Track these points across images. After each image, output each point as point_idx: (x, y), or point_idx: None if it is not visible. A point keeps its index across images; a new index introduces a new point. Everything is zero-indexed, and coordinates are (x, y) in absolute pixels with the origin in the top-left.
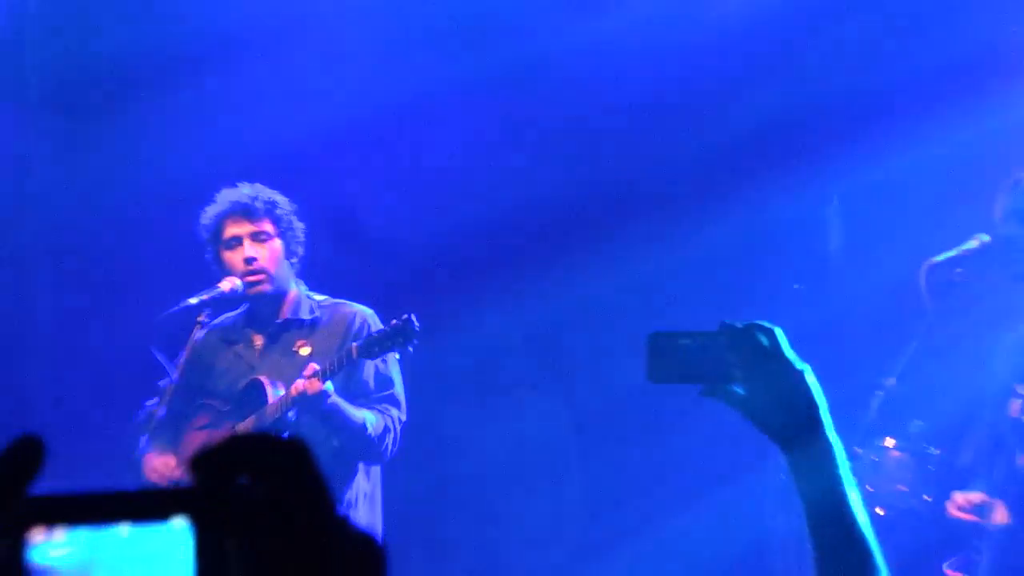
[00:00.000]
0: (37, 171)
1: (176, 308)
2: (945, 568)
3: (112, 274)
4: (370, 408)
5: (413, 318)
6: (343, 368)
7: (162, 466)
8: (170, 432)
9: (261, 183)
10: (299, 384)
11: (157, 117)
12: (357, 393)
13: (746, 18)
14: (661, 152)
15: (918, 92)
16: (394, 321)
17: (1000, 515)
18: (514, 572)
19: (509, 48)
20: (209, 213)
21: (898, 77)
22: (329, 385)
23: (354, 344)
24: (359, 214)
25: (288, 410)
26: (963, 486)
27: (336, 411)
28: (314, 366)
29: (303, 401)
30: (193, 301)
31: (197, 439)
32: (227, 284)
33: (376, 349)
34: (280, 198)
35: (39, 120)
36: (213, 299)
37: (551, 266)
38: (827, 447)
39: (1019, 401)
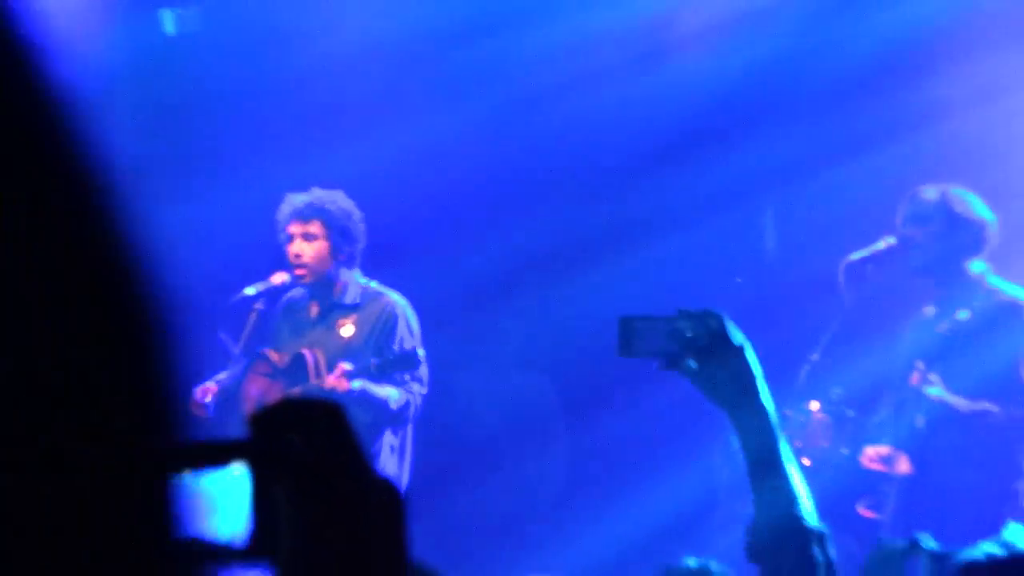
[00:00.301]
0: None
1: (237, 297)
2: (858, 507)
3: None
4: (396, 384)
5: (419, 353)
6: (369, 375)
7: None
8: (232, 390)
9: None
10: (330, 380)
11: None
12: (389, 369)
13: (697, 69)
14: (637, 178)
15: (838, 124)
16: (403, 326)
17: (903, 465)
18: (508, 517)
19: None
20: (278, 214)
21: (822, 113)
22: (356, 383)
23: (374, 361)
24: (399, 219)
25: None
26: (873, 441)
27: (363, 397)
28: (344, 366)
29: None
30: (250, 292)
31: (256, 383)
32: (278, 278)
33: (391, 368)
34: (334, 204)
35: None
36: (267, 290)
37: (545, 271)
38: (762, 410)
39: (918, 373)
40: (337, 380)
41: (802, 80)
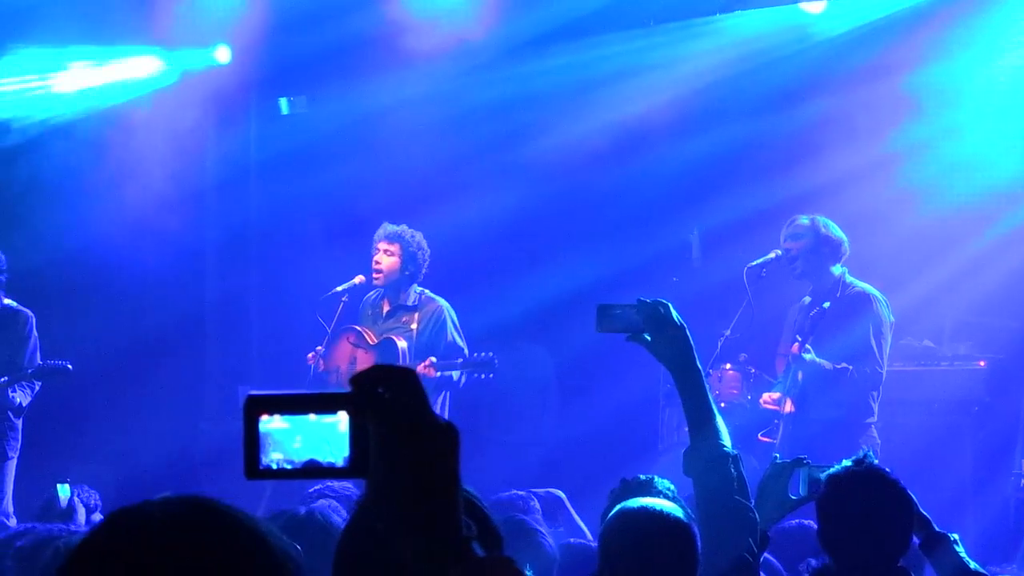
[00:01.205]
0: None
1: (329, 293)
2: (760, 436)
3: (290, 268)
4: (454, 370)
5: (495, 360)
6: (453, 369)
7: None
8: (326, 355)
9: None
10: (419, 367)
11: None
12: (446, 356)
13: (663, 155)
14: (608, 204)
15: (743, 175)
16: (443, 319)
17: (788, 406)
18: (510, 462)
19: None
20: (375, 234)
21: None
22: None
23: (459, 359)
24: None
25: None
26: (768, 389)
27: (440, 378)
28: (432, 359)
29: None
30: (339, 289)
31: (345, 348)
32: (358, 279)
33: (472, 370)
34: (412, 237)
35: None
36: (351, 287)
37: (543, 268)
38: (697, 370)
39: (797, 344)
40: (425, 370)
41: (722, 151)
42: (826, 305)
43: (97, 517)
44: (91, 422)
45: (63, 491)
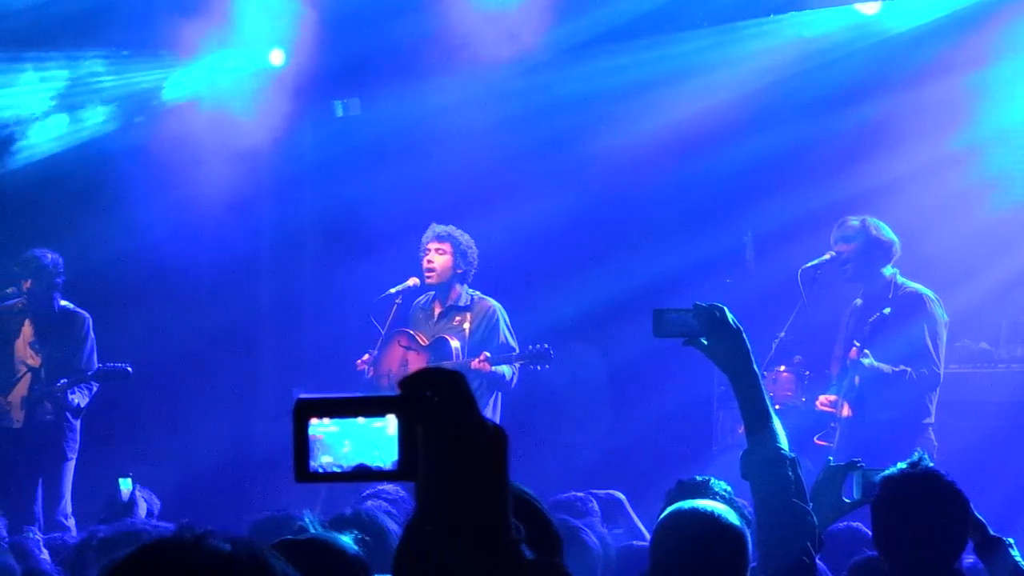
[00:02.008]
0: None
1: (383, 295)
2: (816, 439)
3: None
4: (508, 364)
5: (550, 351)
6: (508, 363)
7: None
8: (378, 358)
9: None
10: (474, 363)
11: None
12: (499, 353)
13: (699, 130)
14: (661, 207)
15: (797, 179)
16: (495, 320)
17: (846, 410)
18: (566, 464)
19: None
20: (424, 235)
21: (787, 171)
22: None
23: (514, 353)
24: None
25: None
26: (824, 391)
27: (492, 376)
28: (486, 353)
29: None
30: (392, 291)
31: (396, 351)
32: (412, 281)
33: (528, 360)
34: (462, 236)
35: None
36: (403, 290)
37: (597, 270)
38: (754, 373)
39: (855, 349)
40: (480, 364)
41: (777, 152)
42: (887, 311)
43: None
44: (147, 424)
45: (125, 485)
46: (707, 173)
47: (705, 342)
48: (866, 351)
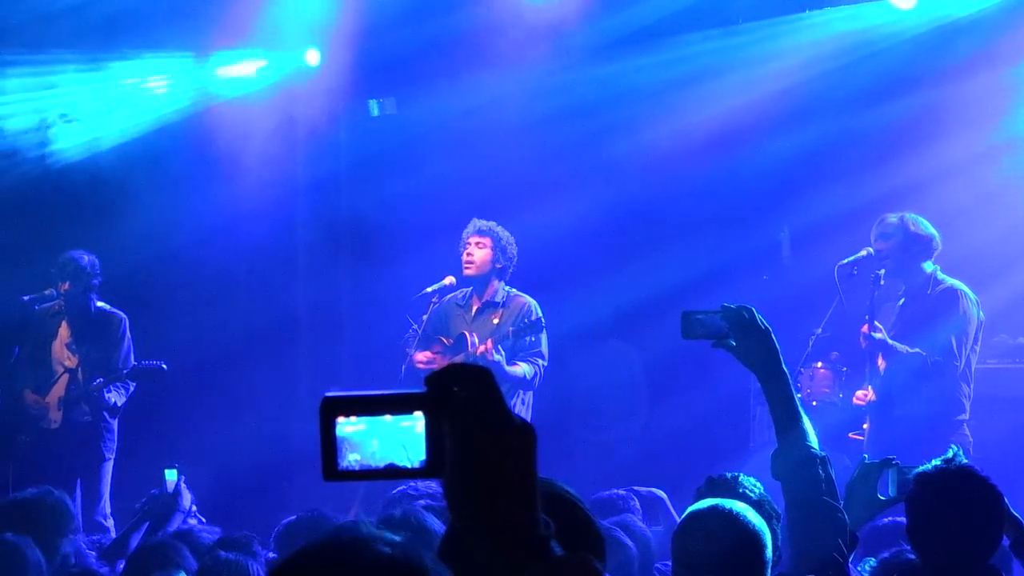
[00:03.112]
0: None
1: (420, 294)
2: (851, 434)
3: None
4: (527, 360)
5: (542, 319)
6: (508, 340)
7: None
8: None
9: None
10: (480, 348)
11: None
12: (522, 350)
13: (732, 128)
14: (698, 203)
15: (838, 165)
16: (540, 315)
17: (870, 394)
18: (601, 462)
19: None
20: (464, 230)
21: (822, 169)
22: (498, 356)
23: (511, 328)
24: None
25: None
26: (860, 387)
27: (513, 379)
28: (491, 341)
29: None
30: (429, 290)
31: (424, 355)
32: (448, 280)
33: (523, 332)
34: (502, 232)
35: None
36: (440, 288)
37: (633, 266)
38: (783, 374)
39: (867, 325)
40: (485, 348)
41: (812, 147)
42: (917, 301)
43: (193, 522)
44: (184, 424)
45: (171, 476)
46: (744, 170)
47: (734, 343)
48: (877, 324)
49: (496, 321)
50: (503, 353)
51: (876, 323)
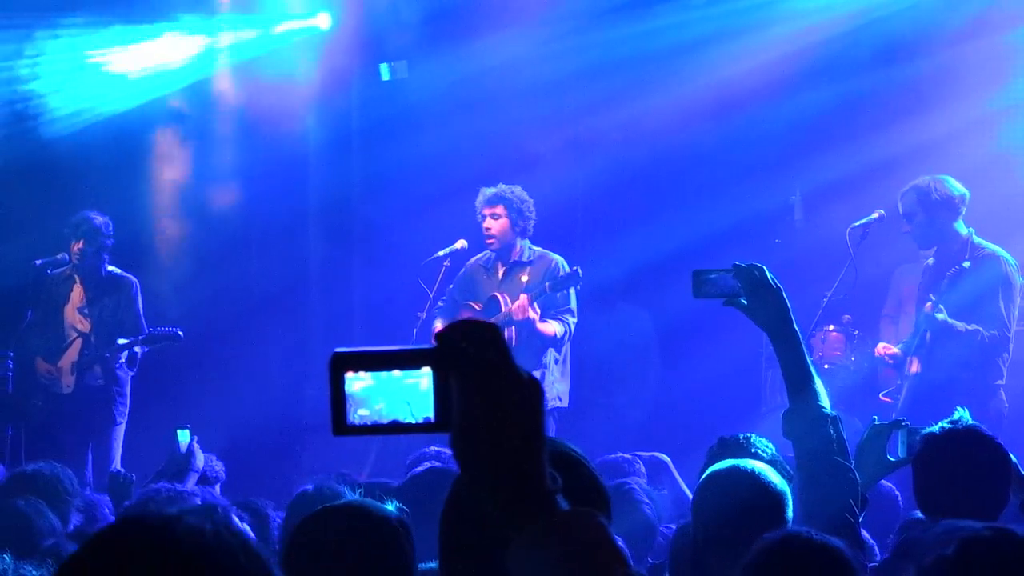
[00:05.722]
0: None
1: (431, 258)
2: (881, 395)
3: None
4: (557, 318)
5: (579, 271)
6: (542, 296)
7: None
8: (429, 322)
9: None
10: (513, 307)
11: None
12: (553, 307)
13: (748, 89)
14: (709, 165)
15: (847, 135)
16: (570, 269)
17: (914, 366)
18: (612, 425)
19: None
20: (476, 202)
21: (836, 128)
22: (533, 313)
23: (547, 283)
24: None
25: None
26: (871, 348)
27: (532, 328)
28: (525, 297)
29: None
30: (441, 254)
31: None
32: (460, 244)
33: (559, 286)
34: (512, 193)
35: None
36: (452, 252)
37: (644, 230)
38: (794, 333)
39: (930, 303)
40: (520, 304)
41: (824, 110)
42: (966, 264)
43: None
44: (197, 388)
45: (183, 437)
46: (755, 132)
47: (745, 302)
48: (940, 306)
49: (525, 279)
50: (538, 310)
51: (940, 304)
